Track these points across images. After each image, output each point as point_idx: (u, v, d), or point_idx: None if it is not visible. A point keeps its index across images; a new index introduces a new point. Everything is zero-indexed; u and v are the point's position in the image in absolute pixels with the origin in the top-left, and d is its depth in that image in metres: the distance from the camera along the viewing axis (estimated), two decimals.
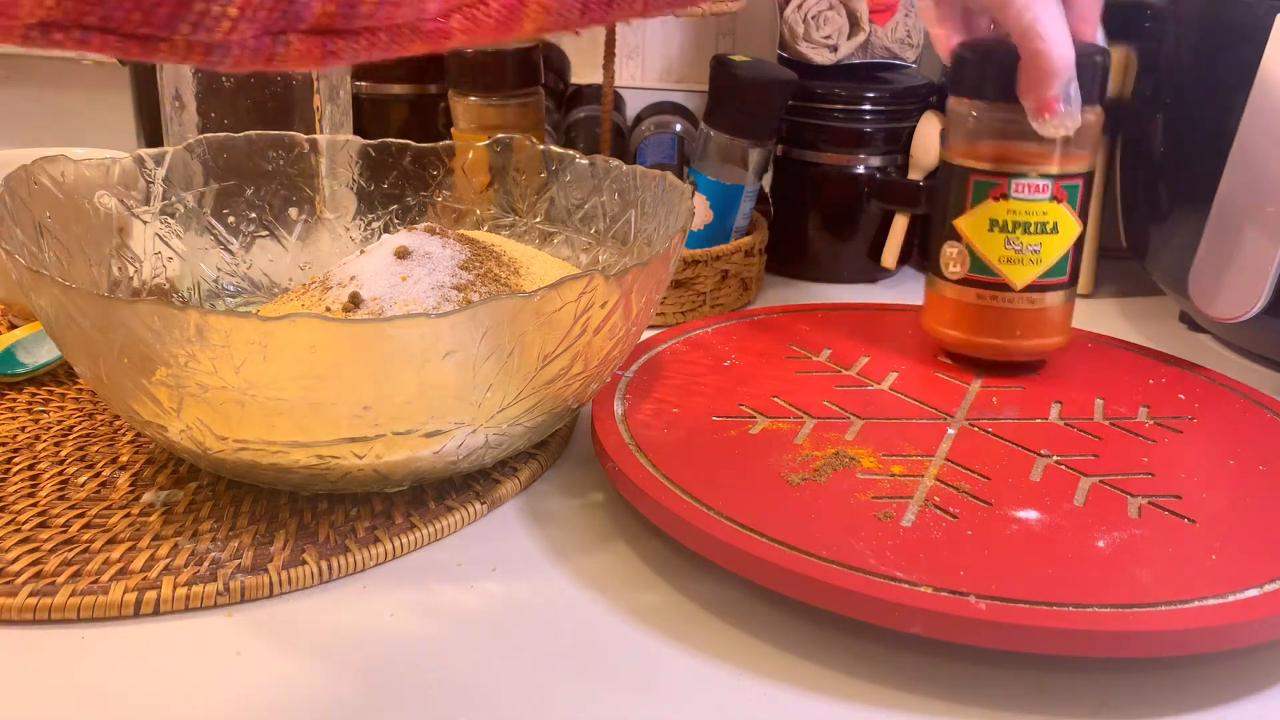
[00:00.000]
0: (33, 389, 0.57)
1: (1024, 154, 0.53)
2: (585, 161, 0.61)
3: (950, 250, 0.55)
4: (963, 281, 0.55)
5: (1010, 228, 0.53)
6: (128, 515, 0.46)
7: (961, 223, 0.54)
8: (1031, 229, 0.53)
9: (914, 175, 0.79)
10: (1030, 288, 0.54)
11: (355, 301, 0.48)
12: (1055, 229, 0.53)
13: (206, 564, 0.42)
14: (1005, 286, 0.55)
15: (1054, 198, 0.53)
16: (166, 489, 0.48)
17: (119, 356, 0.41)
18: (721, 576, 0.44)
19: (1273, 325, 0.62)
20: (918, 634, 0.38)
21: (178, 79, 0.67)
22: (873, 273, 0.82)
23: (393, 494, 0.48)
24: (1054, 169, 0.53)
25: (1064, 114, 0.51)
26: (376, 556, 0.44)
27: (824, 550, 0.40)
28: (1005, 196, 0.53)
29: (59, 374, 0.59)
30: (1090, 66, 0.51)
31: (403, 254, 0.50)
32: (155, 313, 0.39)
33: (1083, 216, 0.54)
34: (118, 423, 0.54)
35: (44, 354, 0.59)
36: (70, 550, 0.43)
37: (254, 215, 0.62)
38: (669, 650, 0.40)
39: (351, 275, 0.49)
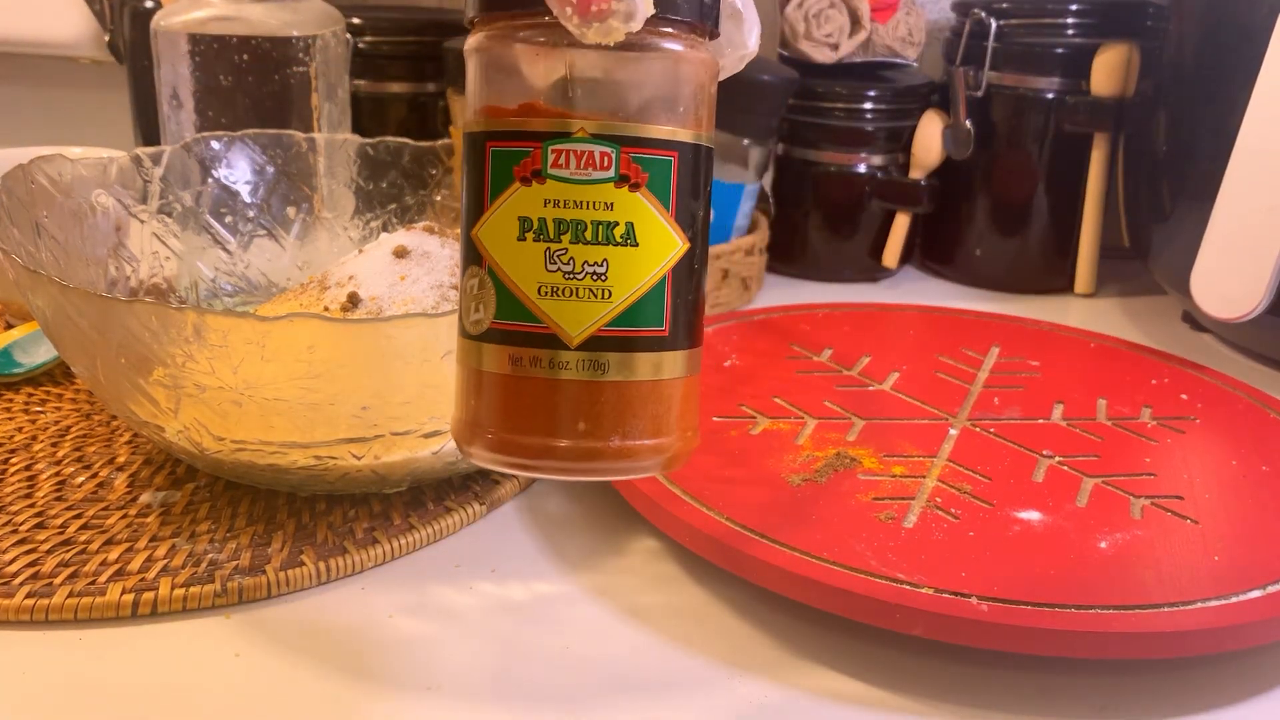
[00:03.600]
0: (30, 389, 0.57)
1: (563, 99, 0.30)
2: None
3: (470, 283, 0.32)
4: (487, 336, 0.31)
5: (552, 231, 0.30)
6: (125, 516, 0.46)
7: (482, 232, 0.31)
8: (588, 233, 0.30)
9: (915, 174, 0.79)
10: (593, 342, 0.31)
11: (354, 301, 0.48)
12: (631, 236, 0.31)
13: (204, 565, 0.42)
14: (554, 340, 0.31)
15: (622, 178, 0.30)
16: (164, 489, 0.48)
17: (116, 356, 0.41)
18: (722, 578, 0.43)
19: (1275, 325, 0.62)
20: (919, 636, 0.38)
21: (175, 78, 0.66)
22: (874, 272, 0.82)
23: (391, 495, 0.47)
24: (620, 126, 0.30)
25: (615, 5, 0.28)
26: (375, 558, 0.44)
27: (825, 552, 0.40)
28: (540, 175, 0.30)
29: (56, 374, 0.59)
30: None
31: (401, 253, 0.49)
32: (153, 312, 0.39)
33: (686, 225, 0.32)
34: (115, 423, 0.54)
35: (41, 354, 0.59)
36: (67, 551, 0.43)
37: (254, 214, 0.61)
38: (669, 652, 0.40)
39: (350, 275, 0.49)
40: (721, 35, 0.33)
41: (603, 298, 0.31)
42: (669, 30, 0.30)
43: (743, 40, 0.34)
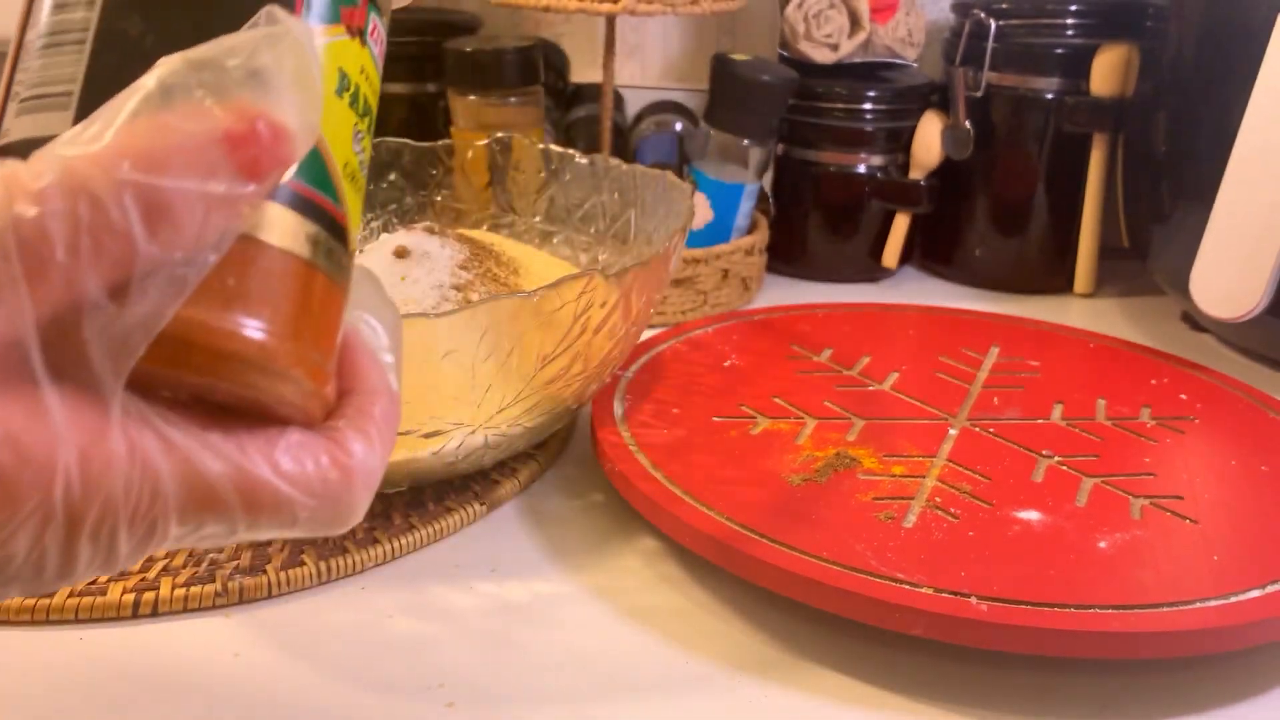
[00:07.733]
0: None
1: None
2: (585, 161, 0.60)
3: None
4: None
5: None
6: None
7: None
8: None
9: (915, 174, 0.79)
10: None
11: None
12: None
13: (205, 565, 0.42)
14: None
15: None
16: None
17: None
18: (721, 578, 0.43)
19: (1275, 325, 0.62)
20: (919, 636, 0.38)
21: None
22: (874, 272, 0.82)
23: (391, 495, 0.47)
24: None
25: None
26: (375, 558, 0.44)
27: (825, 551, 0.40)
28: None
29: None
30: None
31: (402, 254, 0.50)
32: None
33: None
34: None
35: None
36: None
37: None
38: (668, 652, 0.40)
39: None
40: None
41: None
42: None
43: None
